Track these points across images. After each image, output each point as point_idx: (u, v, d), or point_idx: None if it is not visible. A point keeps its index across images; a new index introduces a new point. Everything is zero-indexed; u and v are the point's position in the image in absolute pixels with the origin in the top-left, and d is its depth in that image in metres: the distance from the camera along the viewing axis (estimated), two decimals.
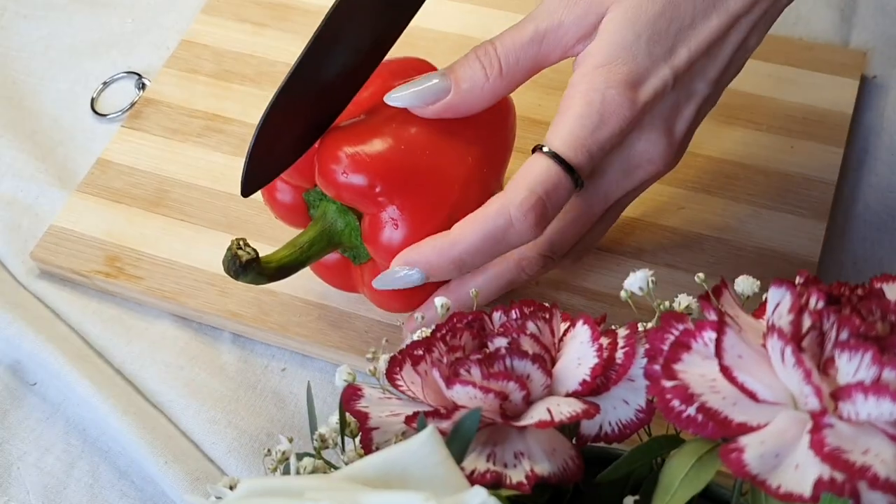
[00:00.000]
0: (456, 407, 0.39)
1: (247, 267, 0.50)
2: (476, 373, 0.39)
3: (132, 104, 0.70)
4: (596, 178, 0.51)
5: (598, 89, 0.49)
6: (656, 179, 0.53)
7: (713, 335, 0.35)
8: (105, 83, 0.73)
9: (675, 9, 0.49)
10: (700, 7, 0.49)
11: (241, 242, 0.50)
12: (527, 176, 0.49)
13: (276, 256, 0.52)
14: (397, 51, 0.59)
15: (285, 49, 0.72)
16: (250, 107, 0.69)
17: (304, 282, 0.60)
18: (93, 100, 0.72)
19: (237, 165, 0.66)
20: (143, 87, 0.72)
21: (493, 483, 0.37)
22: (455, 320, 0.42)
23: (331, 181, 0.52)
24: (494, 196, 0.50)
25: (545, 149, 0.49)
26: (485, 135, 0.54)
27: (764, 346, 0.36)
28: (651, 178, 0.52)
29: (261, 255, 0.51)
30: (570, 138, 0.49)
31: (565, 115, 0.50)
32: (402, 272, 0.51)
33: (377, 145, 0.52)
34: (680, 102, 0.51)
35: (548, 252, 0.52)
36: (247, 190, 0.52)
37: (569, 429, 0.41)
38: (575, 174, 0.49)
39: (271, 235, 0.63)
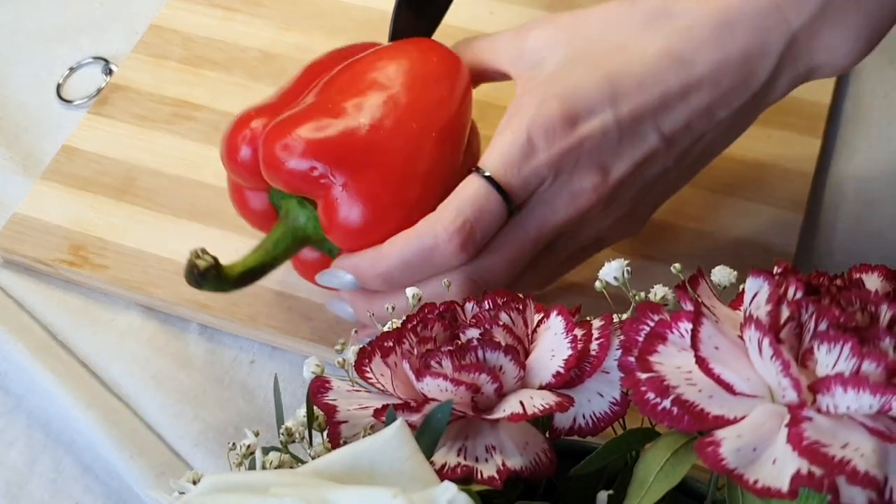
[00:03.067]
0: (426, 400, 0.38)
1: (205, 275, 0.49)
2: (447, 365, 0.38)
3: (99, 90, 0.69)
4: (530, 203, 0.50)
5: (536, 114, 0.49)
6: (596, 221, 0.52)
7: (689, 326, 0.35)
8: (72, 69, 0.71)
9: (626, 55, 0.49)
10: (661, 63, 0.49)
11: (199, 251, 0.49)
12: (458, 197, 0.49)
13: (240, 261, 0.51)
14: (376, 38, 0.59)
15: (256, 35, 0.71)
16: (220, 93, 0.68)
17: (275, 273, 0.59)
18: (59, 85, 0.70)
19: (207, 153, 0.66)
20: (110, 72, 0.70)
21: (464, 478, 0.37)
22: (426, 311, 0.41)
23: (274, 172, 0.51)
24: (427, 216, 0.49)
25: (479, 171, 0.49)
26: (425, 100, 0.53)
27: (741, 337, 0.35)
28: (585, 212, 0.51)
29: (231, 253, 0.50)
30: (503, 160, 0.49)
31: (501, 136, 0.50)
32: (338, 274, 0.51)
33: (312, 127, 0.51)
34: (622, 145, 0.50)
35: (478, 277, 0.50)
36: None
37: (542, 422, 0.40)
38: (507, 198, 0.49)
39: (241, 224, 0.61)
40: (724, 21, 0.49)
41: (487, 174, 0.49)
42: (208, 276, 0.49)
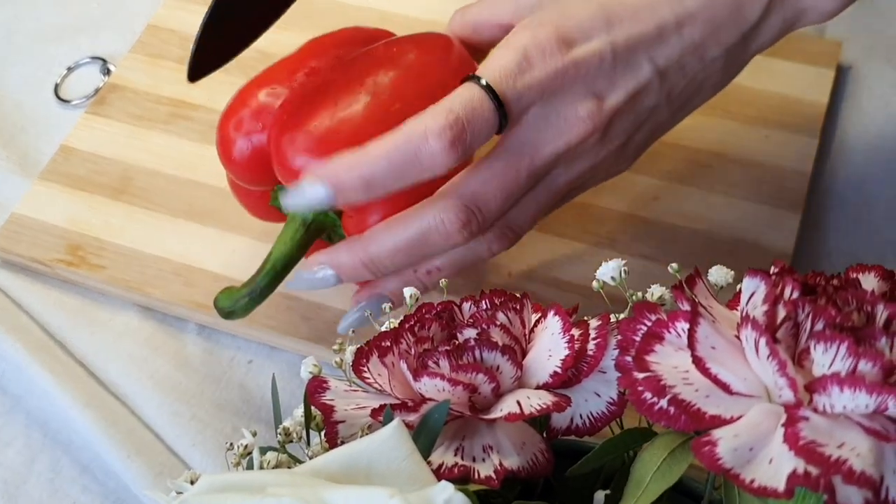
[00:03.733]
0: (423, 400, 0.38)
1: (234, 310, 0.52)
2: (444, 365, 0.38)
3: (97, 90, 0.69)
4: (522, 127, 0.49)
5: (533, 34, 0.48)
6: (589, 154, 0.51)
7: (686, 326, 0.35)
8: (69, 68, 0.71)
9: None
10: (658, 1, 0.49)
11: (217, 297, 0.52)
12: (450, 98, 0.48)
13: (261, 269, 0.52)
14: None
15: None
16: (217, 93, 0.67)
17: None
18: (56, 85, 0.70)
19: (204, 153, 0.66)
20: (108, 72, 0.70)
21: (461, 478, 0.36)
22: (423, 310, 0.41)
23: (291, 173, 0.51)
24: (415, 115, 0.48)
25: (475, 77, 0.48)
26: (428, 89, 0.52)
27: (738, 337, 0.35)
28: (578, 143, 0.50)
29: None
30: (500, 72, 0.48)
31: (498, 51, 0.49)
32: (308, 187, 0.47)
33: (329, 130, 0.50)
34: (616, 73, 0.49)
35: (471, 203, 0.49)
36: (193, 75, 0.52)
37: (539, 422, 0.40)
38: (501, 107, 0.48)
39: (238, 224, 0.62)
40: None
41: (483, 81, 0.48)
42: (238, 308, 0.51)
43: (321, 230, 0.54)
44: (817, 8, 0.51)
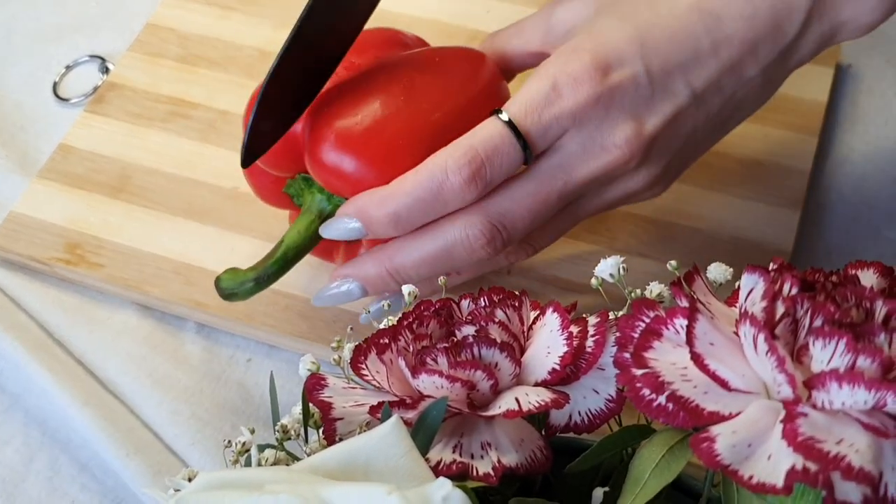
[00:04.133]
0: (422, 396, 0.38)
1: (237, 292, 0.51)
2: (442, 361, 0.38)
3: (95, 89, 0.69)
4: (555, 153, 0.49)
5: (564, 62, 0.48)
6: (626, 179, 0.50)
7: (684, 322, 0.35)
8: (68, 67, 0.71)
9: (656, 9, 0.49)
10: (692, 17, 0.48)
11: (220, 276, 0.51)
12: (471, 134, 0.48)
13: (274, 252, 0.51)
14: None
15: (252, 33, 0.71)
16: (216, 92, 0.68)
17: None
18: (55, 84, 0.70)
19: (203, 151, 0.65)
20: (106, 71, 0.70)
21: (460, 474, 0.36)
22: (422, 308, 0.41)
23: (329, 176, 0.50)
24: (435, 153, 0.48)
25: (499, 111, 0.48)
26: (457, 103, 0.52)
27: (736, 333, 0.35)
28: (615, 168, 0.49)
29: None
30: (525, 105, 0.48)
31: (527, 83, 0.49)
32: (343, 221, 0.50)
33: (364, 131, 0.50)
34: (654, 98, 0.49)
35: (497, 222, 0.49)
36: (247, 161, 0.51)
37: (537, 419, 0.40)
38: (523, 142, 0.48)
39: (237, 222, 0.62)
40: None
41: (506, 117, 0.48)
42: (241, 291, 0.51)
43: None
44: (856, 20, 0.49)
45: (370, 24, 0.54)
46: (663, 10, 0.49)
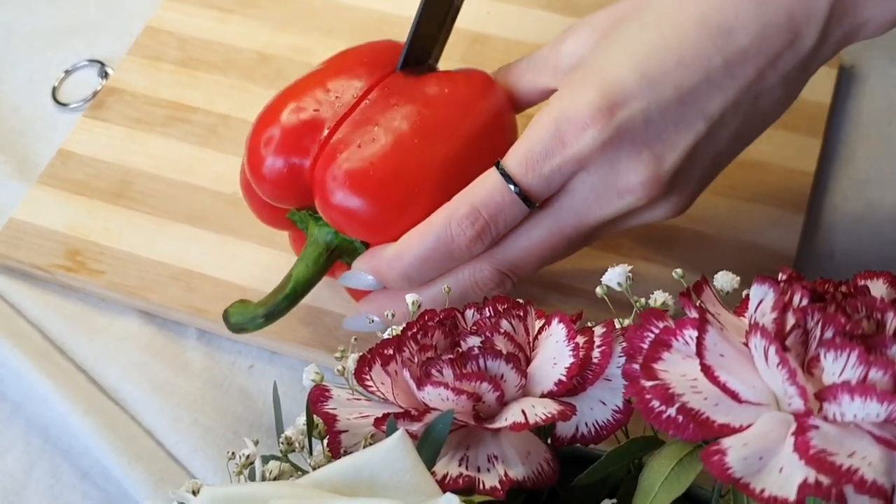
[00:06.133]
0: (427, 409, 0.38)
1: (246, 326, 0.51)
2: (448, 373, 0.37)
3: (95, 93, 0.69)
4: (565, 196, 0.48)
5: (566, 105, 0.46)
6: (645, 213, 0.49)
7: (694, 333, 0.34)
8: (67, 71, 0.71)
9: (660, 31, 0.46)
10: (700, 37, 0.45)
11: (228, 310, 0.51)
12: (474, 191, 0.48)
13: (281, 287, 0.51)
14: (374, 39, 0.58)
15: (252, 36, 0.70)
16: (216, 95, 0.67)
17: (273, 276, 0.59)
18: (54, 89, 0.70)
19: (203, 156, 0.65)
20: (106, 75, 0.70)
21: (466, 488, 0.36)
22: (427, 318, 0.41)
23: (338, 216, 0.50)
24: (441, 207, 0.49)
25: (500, 166, 0.48)
26: (468, 129, 0.52)
27: (746, 344, 0.34)
28: (633, 209, 0.48)
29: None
30: (525, 157, 0.47)
31: (528, 131, 0.48)
32: (358, 275, 0.51)
33: (369, 169, 0.49)
34: (668, 132, 0.46)
35: (507, 270, 0.49)
36: (405, 65, 0.53)
37: (544, 430, 0.39)
38: (525, 196, 0.47)
39: (237, 228, 0.61)
40: None
41: (505, 170, 0.47)
42: (251, 325, 0.51)
43: (343, 253, 0.53)
44: (876, 19, 0.46)
45: (377, 36, 0.54)
46: (668, 32, 0.46)
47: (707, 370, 0.34)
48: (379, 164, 0.49)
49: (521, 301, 0.41)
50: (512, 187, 0.47)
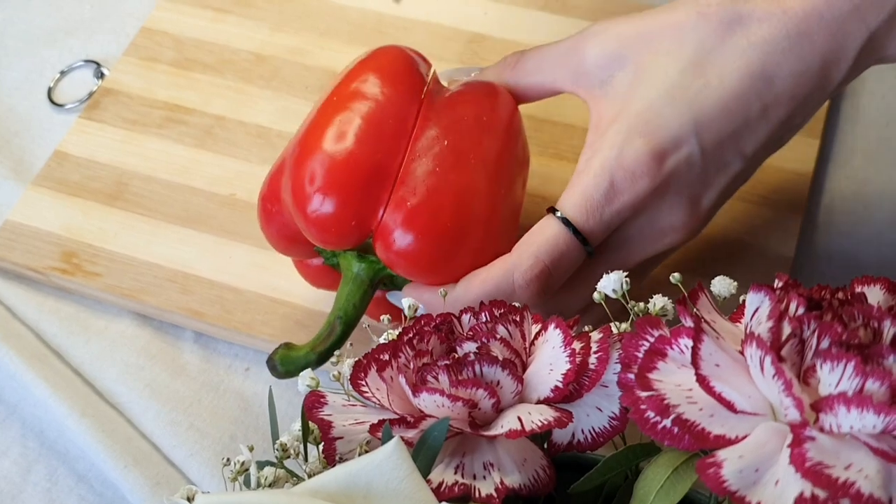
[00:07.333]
0: (423, 415, 0.38)
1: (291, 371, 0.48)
2: (444, 380, 0.37)
3: (90, 94, 0.68)
4: (614, 243, 0.49)
5: (617, 155, 0.47)
6: (678, 247, 0.51)
7: (689, 342, 0.34)
8: (62, 72, 0.70)
9: (705, 78, 0.47)
10: (744, 85, 0.47)
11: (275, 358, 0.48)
12: (535, 241, 0.48)
13: (324, 332, 0.50)
14: (371, 40, 0.58)
15: (248, 36, 0.70)
16: (212, 96, 0.67)
17: (270, 278, 0.59)
18: (50, 89, 0.70)
19: (199, 158, 0.65)
20: (101, 76, 0.69)
21: (462, 496, 0.36)
22: (422, 323, 0.40)
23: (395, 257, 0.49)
24: (501, 258, 0.48)
25: (558, 213, 0.48)
26: (478, 142, 0.52)
27: (741, 352, 0.34)
28: (673, 246, 0.50)
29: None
30: (584, 204, 0.47)
31: (581, 177, 0.48)
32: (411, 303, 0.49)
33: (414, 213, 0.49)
34: (709, 174, 0.48)
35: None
36: None
37: (540, 437, 0.39)
38: (586, 242, 0.48)
39: (233, 230, 0.61)
40: (805, 30, 0.47)
41: (566, 217, 0.48)
42: (299, 370, 0.47)
43: (382, 282, 0.52)
44: None
45: (374, 37, 0.53)
46: (714, 80, 0.47)
47: (702, 381, 0.33)
48: (439, 204, 0.49)
49: (517, 306, 0.41)
50: (575, 236, 0.48)
